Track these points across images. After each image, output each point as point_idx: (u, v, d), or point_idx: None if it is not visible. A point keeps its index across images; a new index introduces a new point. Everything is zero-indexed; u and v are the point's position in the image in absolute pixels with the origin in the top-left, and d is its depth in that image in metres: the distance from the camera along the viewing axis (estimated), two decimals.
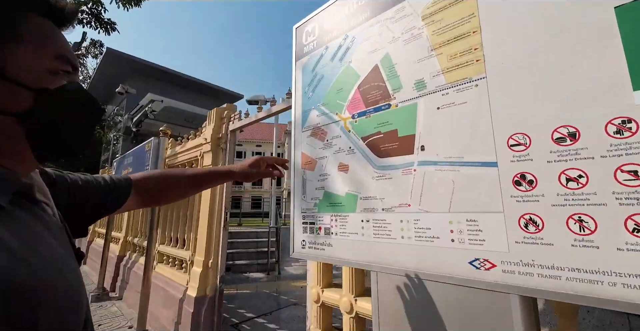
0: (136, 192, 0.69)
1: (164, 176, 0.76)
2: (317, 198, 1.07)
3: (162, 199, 0.78)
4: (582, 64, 0.59)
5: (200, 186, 0.83)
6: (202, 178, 0.82)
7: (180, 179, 0.78)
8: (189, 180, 0.80)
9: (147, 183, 0.72)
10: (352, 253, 0.93)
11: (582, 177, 0.57)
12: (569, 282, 0.56)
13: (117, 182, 0.66)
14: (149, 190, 0.73)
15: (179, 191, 0.80)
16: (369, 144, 0.94)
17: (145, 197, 0.72)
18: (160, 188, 0.75)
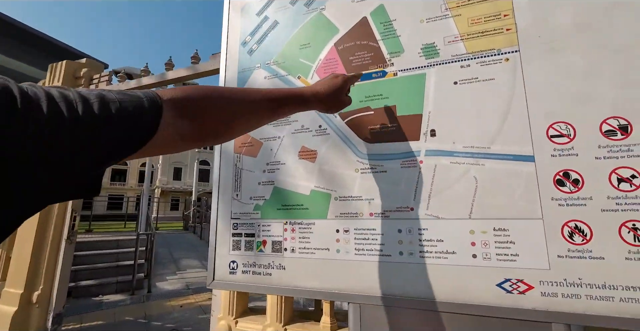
0: (172, 119, 0.37)
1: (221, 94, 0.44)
2: (261, 197, 0.72)
3: (223, 132, 0.46)
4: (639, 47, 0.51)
5: (276, 114, 0.52)
6: (279, 102, 0.51)
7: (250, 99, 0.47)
8: (265, 103, 0.49)
9: (195, 104, 0.40)
10: (318, 279, 0.64)
11: (635, 177, 0.49)
12: (623, 303, 0.47)
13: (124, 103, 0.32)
14: (199, 115, 0.41)
15: (250, 119, 0.48)
16: (352, 124, 0.67)
17: (189, 128, 0.39)
18: (223, 112, 0.44)
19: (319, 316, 1.20)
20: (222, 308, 1.20)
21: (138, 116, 0.32)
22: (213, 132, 0.43)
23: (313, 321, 1.24)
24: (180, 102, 0.37)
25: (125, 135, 0.31)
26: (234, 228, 0.73)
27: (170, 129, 0.36)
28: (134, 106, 0.32)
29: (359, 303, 0.61)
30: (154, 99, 0.34)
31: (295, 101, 0.53)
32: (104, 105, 0.30)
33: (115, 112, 0.30)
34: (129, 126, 0.32)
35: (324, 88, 0.55)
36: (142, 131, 0.33)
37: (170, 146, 0.39)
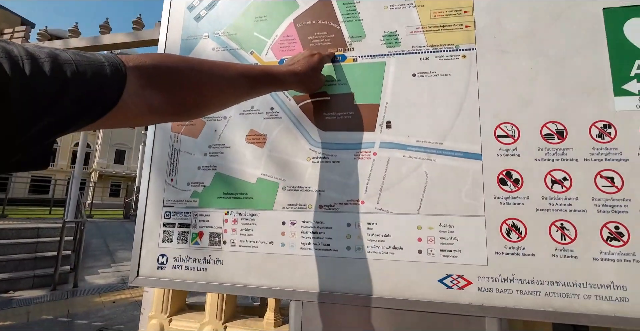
0: (139, 89, 0.33)
1: (194, 65, 0.40)
2: (201, 183, 0.64)
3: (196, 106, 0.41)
4: (577, 57, 0.54)
5: (252, 93, 0.49)
6: (256, 81, 0.48)
7: (227, 75, 0.43)
8: (242, 80, 0.45)
9: (165, 73, 0.36)
10: (260, 275, 0.59)
11: (566, 180, 0.52)
12: (547, 298, 0.49)
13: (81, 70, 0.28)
14: (169, 87, 0.36)
15: (225, 95, 0.44)
16: (307, 109, 0.62)
17: (158, 100, 0.35)
18: (196, 85, 0.39)
19: (265, 311, 1.15)
20: (154, 305, 1.09)
21: (98, 83, 0.29)
22: (185, 106, 0.40)
23: (257, 317, 1.19)
24: (147, 71, 0.34)
25: (81, 103, 0.28)
26: (165, 217, 0.64)
27: (136, 99, 0.33)
28: (94, 71, 0.28)
29: (302, 300, 0.57)
30: (117, 65, 0.31)
31: (272, 81, 0.50)
32: (57, 66, 0.25)
33: (70, 75, 0.26)
34: (87, 93, 0.28)
35: (302, 68, 0.54)
36: (102, 99, 0.29)
37: (137, 118, 0.36)
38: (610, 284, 0.48)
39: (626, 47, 0.53)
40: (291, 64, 0.54)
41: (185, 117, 0.43)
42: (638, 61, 0.52)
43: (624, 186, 0.50)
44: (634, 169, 0.50)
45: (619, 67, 0.53)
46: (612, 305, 0.47)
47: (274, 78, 0.50)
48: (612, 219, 0.49)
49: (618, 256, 0.48)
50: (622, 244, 0.49)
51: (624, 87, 0.52)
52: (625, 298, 0.47)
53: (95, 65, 0.29)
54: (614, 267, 0.48)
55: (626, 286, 0.47)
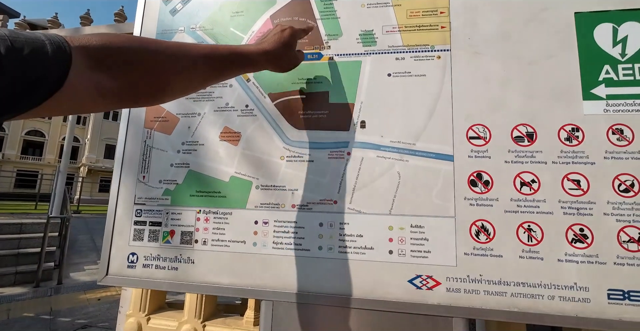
0: (86, 71, 0.30)
1: (150, 46, 0.37)
2: (173, 181, 0.63)
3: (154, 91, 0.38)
4: (549, 61, 0.55)
5: (219, 76, 0.46)
6: (222, 63, 0.44)
7: (188, 57, 0.40)
8: (207, 62, 0.42)
9: (116, 54, 0.33)
10: (231, 274, 0.58)
11: (534, 182, 0.52)
12: (513, 298, 0.50)
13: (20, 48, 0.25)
14: (122, 69, 0.34)
15: (188, 79, 0.41)
16: (282, 107, 0.62)
17: (109, 84, 0.33)
18: (153, 67, 0.36)
19: (245, 310, 1.14)
20: (132, 304, 1.08)
21: (38, 61, 0.26)
22: (139, 90, 0.36)
23: (239, 315, 1.18)
24: (95, 51, 0.31)
25: (19, 84, 0.25)
26: (137, 214, 0.63)
27: (83, 82, 0.30)
28: (32, 49, 0.25)
29: (272, 300, 0.57)
30: (59, 44, 0.28)
31: (241, 62, 0.46)
32: None
33: (4, 52, 0.23)
34: (25, 73, 0.25)
35: (271, 45, 0.49)
36: (44, 80, 0.26)
37: (87, 103, 0.33)
38: (573, 285, 0.49)
39: (595, 51, 0.54)
40: (261, 43, 0.49)
41: (141, 102, 0.40)
42: (606, 65, 0.53)
43: (589, 189, 0.51)
44: (600, 173, 0.50)
45: (588, 71, 0.53)
46: (575, 306, 0.48)
47: (243, 58, 0.46)
48: (578, 222, 0.50)
49: (582, 258, 0.49)
50: (586, 246, 0.49)
51: (592, 91, 0.53)
52: (587, 299, 0.48)
53: (35, 42, 0.26)
54: (577, 268, 0.49)
55: (588, 287, 0.48)
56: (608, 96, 0.52)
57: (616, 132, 0.51)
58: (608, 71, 0.53)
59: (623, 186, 0.50)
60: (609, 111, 0.52)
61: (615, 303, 0.47)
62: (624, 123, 0.51)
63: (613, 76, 0.53)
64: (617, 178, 0.50)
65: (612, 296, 0.48)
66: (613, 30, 0.54)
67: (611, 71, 0.53)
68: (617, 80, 0.52)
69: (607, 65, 0.53)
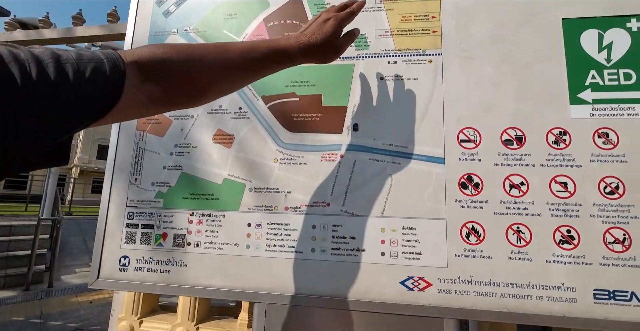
0: (139, 83, 0.34)
1: (192, 52, 0.39)
2: (166, 183, 0.63)
3: (198, 95, 0.40)
4: (538, 65, 0.56)
5: (256, 75, 0.45)
6: (260, 62, 0.43)
7: (228, 59, 0.41)
8: (246, 63, 0.42)
9: (163, 65, 0.36)
10: (224, 277, 0.58)
11: (523, 185, 0.53)
12: (502, 299, 0.51)
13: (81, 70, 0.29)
14: (169, 78, 0.37)
15: (228, 80, 0.42)
16: (275, 110, 0.62)
17: (159, 92, 0.36)
18: (196, 73, 0.39)
19: (239, 312, 1.14)
20: (125, 307, 1.06)
21: (98, 81, 0.30)
22: (186, 96, 0.40)
23: (233, 317, 1.18)
24: (146, 64, 0.34)
25: (83, 103, 0.29)
26: (129, 217, 0.63)
27: (137, 93, 0.34)
28: (93, 70, 0.29)
29: (265, 302, 0.57)
30: (115, 62, 0.31)
31: (279, 59, 0.44)
32: (60, 67, 0.27)
33: (72, 76, 0.27)
34: (89, 92, 0.29)
35: (313, 39, 0.45)
36: (103, 97, 0.30)
37: (141, 110, 0.37)
38: (561, 285, 0.50)
39: (582, 57, 0.55)
40: (301, 35, 0.46)
41: (186, 105, 0.43)
42: (592, 70, 0.54)
43: (576, 192, 0.52)
44: (586, 175, 0.52)
45: (575, 76, 0.55)
46: (562, 306, 0.49)
47: (281, 54, 0.44)
48: (565, 223, 0.51)
49: (569, 259, 0.50)
50: (573, 247, 0.51)
51: (579, 95, 0.54)
52: (574, 299, 0.49)
53: (96, 63, 0.30)
54: (564, 269, 0.50)
55: (575, 288, 0.49)
56: (594, 100, 0.54)
57: (602, 136, 0.53)
58: (594, 75, 0.54)
59: (608, 189, 0.51)
60: (595, 115, 0.53)
61: (601, 302, 0.49)
62: (609, 127, 0.53)
63: (599, 81, 0.54)
64: (602, 180, 0.51)
65: (598, 296, 0.49)
66: (599, 36, 0.55)
67: (597, 76, 0.54)
68: (602, 85, 0.54)
69: (593, 70, 0.54)
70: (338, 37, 0.48)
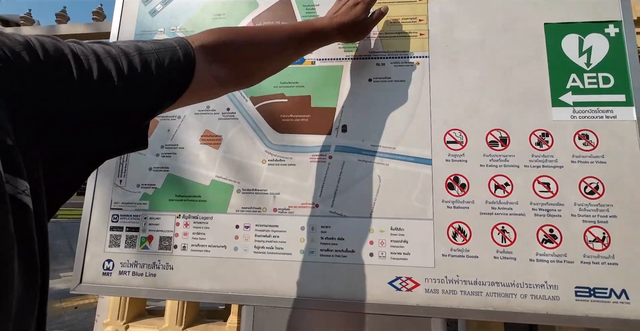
0: (207, 65, 0.37)
1: (249, 34, 0.45)
2: (152, 185, 0.62)
3: (256, 74, 0.46)
4: (522, 69, 0.57)
5: (300, 53, 0.53)
6: (303, 41, 0.50)
7: (278, 39, 0.47)
8: (292, 42, 0.49)
9: (226, 46, 0.40)
10: (212, 280, 0.57)
11: (508, 185, 0.54)
12: (489, 298, 0.52)
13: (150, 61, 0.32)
14: (232, 58, 0.41)
15: (279, 59, 0.49)
16: (263, 111, 0.62)
17: (224, 72, 0.40)
18: (255, 53, 0.44)
19: (228, 315, 1.13)
20: (110, 312, 1.04)
21: (175, 68, 0.33)
22: (248, 75, 0.45)
23: (222, 321, 1.16)
24: (211, 47, 0.37)
25: (164, 89, 0.32)
26: (113, 220, 0.61)
27: (206, 75, 0.37)
28: (170, 58, 0.32)
29: (253, 305, 0.56)
30: (186, 48, 0.34)
31: (319, 37, 0.52)
32: (144, 59, 0.30)
33: (155, 67, 0.31)
34: (167, 79, 0.32)
35: (346, 19, 0.52)
36: (179, 82, 0.34)
37: (210, 92, 0.41)
38: (544, 284, 0.51)
39: (563, 60, 0.56)
40: (334, 16, 0.53)
41: (247, 85, 0.48)
42: (573, 74, 0.56)
43: (558, 192, 0.53)
44: (567, 176, 0.53)
45: (557, 79, 0.56)
46: (545, 303, 0.50)
47: (320, 34, 0.51)
48: (548, 223, 0.53)
49: (551, 257, 0.51)
50: (556, 246, 0.52)
51: (560, 98, 0.56)
52: (557, 297, 0.50)
53: (171, 51, 0.33)
54: (547, 268, 0.51)
55: (558, 285, 0.51)
56: (575, 103, 0.55)
57: (582, 138, 0.54)
58: (575, 79, 0.56)
59: (589, 189, 0.52)
60: (575, 117, 0.55)
61: (582, 300, 0.50)
62: (589, 129, 0.54)
63: (579, 84, 0.56)
64: (583, 180, 0.53)
65: (579, 293, 0.50)
66: (579, 41, 0.57)
67: (577, 79, 0.56)
68: (582, 88, 0.55)
69: (573, 73, 0.56)
70: (366, 18, 0.55)
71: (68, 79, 0.25)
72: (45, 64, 0.24)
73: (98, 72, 0.27)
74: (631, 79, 0.55)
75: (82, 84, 0.26)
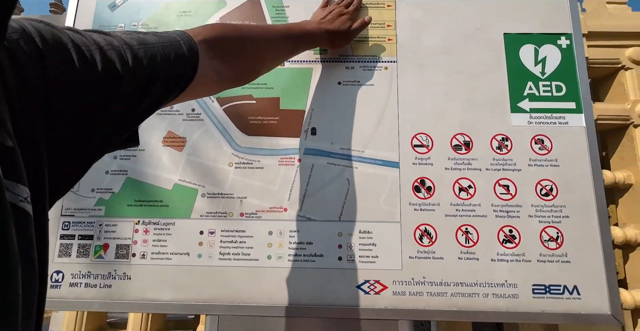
0: (208, 61, 0.37)
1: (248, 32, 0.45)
2: (108, 189, 0.58)
3: (255, 70, 0.47)
4: (484, 76, 0.60)
5: (291, 53, 0.54)
6: (296, 42, 0.52)
7: (274, 38, 0.48)
8: (287, 42, 0.51)
9: (227, 43, 0.40)
10: (173, 289, 0.54)
11: (471, 188, 0.56)
12: (454, 298, 0.53)
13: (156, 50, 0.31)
14: (232, 55, 0.41)
15: (275, 57, 0.50)
16: (231, 112, 0.60)
17: (225, 69, 0.40)
18: (254, 50, 0.45)
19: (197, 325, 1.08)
20: (65, 326, 0.96)
21: (179, 63, 0.32)
22: (247, 71, 0.45)
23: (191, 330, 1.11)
24: (213, 42, 0.37)
25: (168, 84, 0.31)
26: (64, 227, 0.56)
27: (207, 71, 0.36)
28: (175, 52, 0.31)
29: (218, 314, 0.54)
30: (190, 43, 0.33)
31: (308, 40, 0.54)
32: (149, 53, 0.29)
33: (160, 61, 0.29)
34: (172, 75, 0.31)
35: (332, 27, 0.54)
36: (183, 77, 0.33)
37: (210, 88, 0.41)
38: (504, 282, 0.53)
39: (521, 69, 0.59)
40: (321, 22, 0.55)
41: (243, 82, 0.48)
42: (530, 82, 0.59)
43: (517, 194, 0.55)
44: (525, 179, 0.56)
45: (516, 86, 0.59)
46: (506, 302, 0.52)
47: (311, 37, 0.53)
48: (507, 224, 0.55)
49: (511, 257, 0.54)
50: (515, 246, 0.54)
51: (518, 105, 0.58)
52: (516, 295, 0.52)
53: (175, 45, 0.31)
54: (507, 267, 0.53)
55: (517, 284, 0.53)
56: (531, 110, 0.58)
57: (538, 142, 0.57)
58: (531, 87, 0.59)
59: (544, 191, 0.55)
60: (532, 122, 0.58)
61: (538, 297, 0.52)
62: (544, 134, 0.57)
63: (535, 92, 0.59)
64: (539, 183, 0.56)
65: (536, 291, 0.52)
66: (535, 51, 0.60)
67: (534, 87, 0.59)
68: (538, 95, 0.59)
69: (530, 81, 0.59)
70: (350, 26, 0.57)
71: (71, 71, 0.23)
72: (45, 56, 0.21)
73: (102, 64, 0.25)
74: (580, 88, 0.58)
75: (86, 77, 0.24)
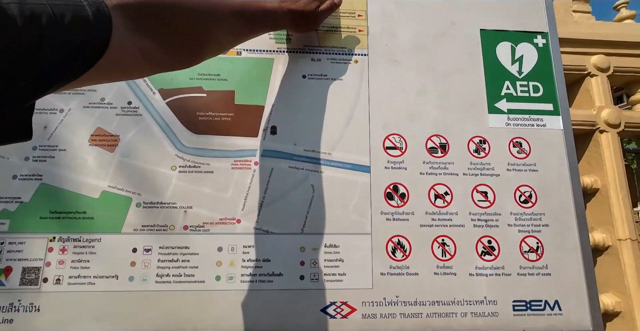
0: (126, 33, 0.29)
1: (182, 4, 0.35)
2: (16, 198, 0.46)
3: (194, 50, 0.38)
4: (459, 75, 0.55)
5: (247, 35, 0.46)
6: (254, 20, 0.44)
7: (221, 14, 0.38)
8: (240, 20, 0.41)
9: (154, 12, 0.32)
10: (95, 320, 0.44)
11: (447, 194, 0.51)
12: (428, 319, 0.47)
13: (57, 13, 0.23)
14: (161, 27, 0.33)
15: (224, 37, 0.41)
16: (175, 106, 0.51)
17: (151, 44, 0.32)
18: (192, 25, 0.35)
19: None
20: None
21: (79, 29, 0.24)
22: (183, 53, 0.36)
23: None
24: (133, 9, 0.29)
25: (62, 55, 0.23)
26: None
27: (126, 45, 0.29)
28: (73, 14, 0.23)
29: None
30: (98, 6, 0.26)
31: (268, 20, 0.46)
32: (28, 11, 0.20)
33: (46, 22, 0.22)
34: (67, 43, 0.23)
35: (295, 7, 0.47)
36: (87, 48, 0.25)
37: (132, 69, 0.33)
38: (483, 299, 0.48)
39: (498, 67, 0.56)
40: (284, 1, 0.47)
41: (183, 64, 0.38)
42: (507, 81, 0.55)
43: (495, 201, 0.51)
44: (503, 184, 0.52)
45: (493, 86, 0.55)
46: (485, 321, 0.47)
47: (271, 16, 0.45)
48: (486, 234, 0.50)
49: (490, 271, 0.49)
50: (494, 258, 0.49)
51: (496, 105, 0.55)
52: (495, 313, 0.48)
53: (74, 6, 0.24)
54: (486, 282, 0.48)
55: (496, 301, 0.48)
56: (509, 110, 0.54)
57: (516, 145, 0.53)
58: (509, 86, 0.55)
59: (523, 197, 0.51)
60: (510, 124, 0.54)
61: (519, 314, 0.48)
62: (522, 137, 0.54)
63: (513, 92, 0.55)
64: (518, 189, 0.52)
65: (516, 307, 0.48)
66: (511, 49, 0.57)
67: (511, 86, 0.55)
68: (515, 96, 0.55)
69: (507, 81, 0.55)
70: (317, 8, 0.49)
71: None
72: None
73: None
74: (557, 89, 0.56)
75: None
